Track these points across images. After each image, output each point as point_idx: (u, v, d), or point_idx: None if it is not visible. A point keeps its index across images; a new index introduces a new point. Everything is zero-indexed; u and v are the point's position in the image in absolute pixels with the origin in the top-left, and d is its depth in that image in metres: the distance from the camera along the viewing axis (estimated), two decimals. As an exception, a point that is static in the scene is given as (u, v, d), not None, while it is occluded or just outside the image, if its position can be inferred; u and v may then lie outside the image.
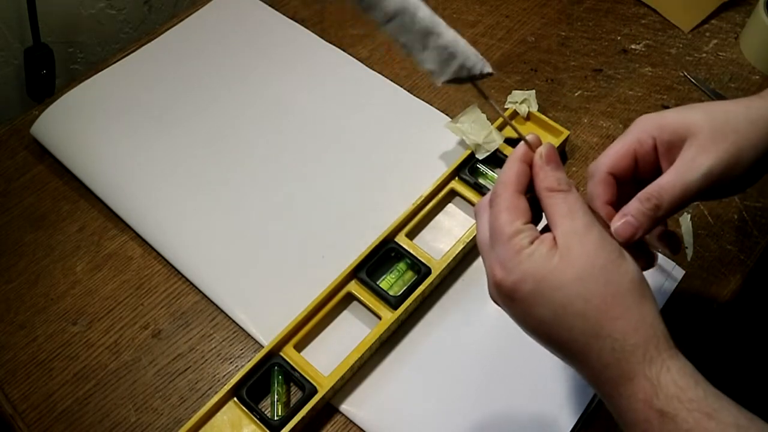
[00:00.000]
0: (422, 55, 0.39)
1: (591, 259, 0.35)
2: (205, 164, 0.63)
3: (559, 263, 0.35)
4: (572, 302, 0.35)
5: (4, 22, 0.70)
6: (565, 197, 0.37)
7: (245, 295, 0.55)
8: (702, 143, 0.39)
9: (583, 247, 0.35)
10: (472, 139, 0.60)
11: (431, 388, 0.51)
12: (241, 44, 0.72)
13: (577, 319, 0.35)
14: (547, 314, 0.35)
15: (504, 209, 0.37)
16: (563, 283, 0.35)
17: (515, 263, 0.36)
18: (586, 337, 0.35)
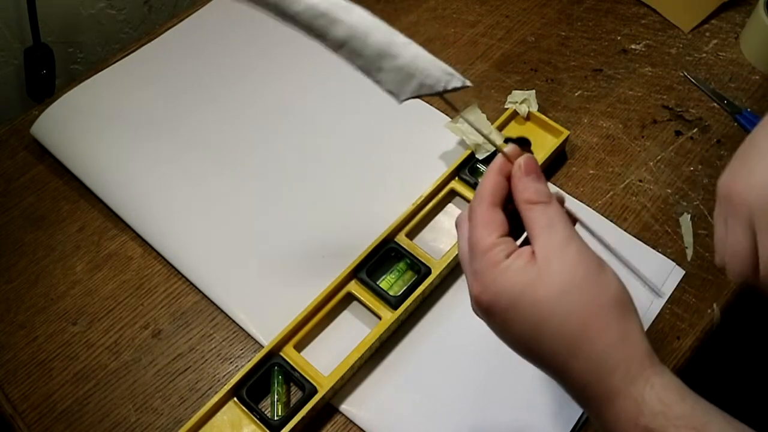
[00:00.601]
0: (379, 77, 0.39)
1: (569, 275, 0.34)
2: (205, 164, 0.63)
3: (537, 278, 0.34)
4: (548, 320, 0.34)
5: (4, 22, 0.70)
6: (545, 209, 0.36)
7: (245, 295, 0.55)
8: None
9: (562, 262, 0.34)
10: (472, 139, 0.60)
11: (431, 388, 0.51)
12: (241, 44, 0.72)
13: (555, 337, 0.34)
14: (525, 330, 0.34)
15: (480, 223, 0.37)
16: (540, 298, 0.34)
17: (491, 278, 0.35)
18: (564, 356, 0.34)
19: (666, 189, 0.61)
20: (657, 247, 0.57)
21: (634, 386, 0.33)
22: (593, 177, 0.62)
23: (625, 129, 0.65)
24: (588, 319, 0.33)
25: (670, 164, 0.63)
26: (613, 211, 0.60)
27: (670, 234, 0.58)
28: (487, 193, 0.37)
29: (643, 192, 0.61)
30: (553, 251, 0.35)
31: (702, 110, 0.66)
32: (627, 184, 0.61)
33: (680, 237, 0.58)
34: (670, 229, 0.59)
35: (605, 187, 0.61)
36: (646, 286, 0.45)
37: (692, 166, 0.63)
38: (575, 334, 0.33)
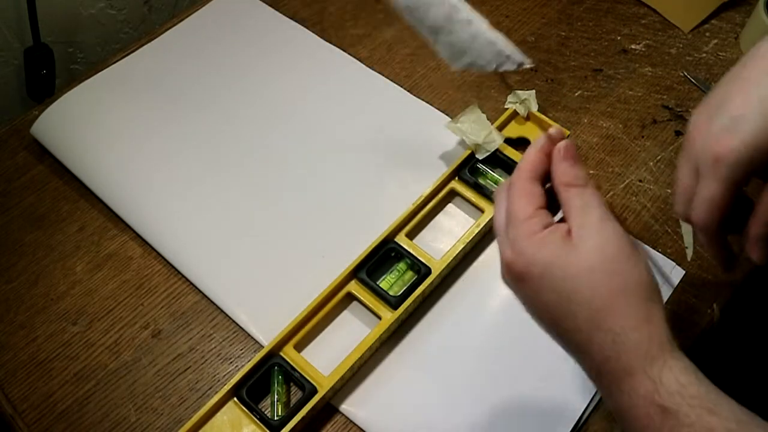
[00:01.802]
0: (436, 46, 0.41)
1: (601, 254, 0.35)
2: (206, 164, 0.63)
3: (570, 253, 0.36)
4: (579, 291, 0.35)
5: (4, 22, 0.70)
6: (581, 192, 0.38)
7: (245, 295, 0.55)
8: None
9: (595, 241, 0.36)
10: (472, 139, 0.60)
11: (431, 388, 0.51)
12: (241, 44, 0.72)
13: (582, 308, 0.35)
14: (554, 300, 0.36)
15: (520, 194, 0.38)
16: (572, 273, 0.35)
17: (526, 246, 0.37)
18: (589, 327, 0.35)
19: (666, 189, 0.61)
20: (657, 247, 0.57)
21: (652, 366, 0.34)
22: (593, 177, 0.62)
23: (625, 129, 0.65)
24: (614, 297, 0.35)
25: (670, 164, 0.63)
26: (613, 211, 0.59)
27: (670, 234, 0.58)
28: (528, 167, 0.39)
29: (643, 192, 0.61)
30: (588, 230, 0.36)
31: (702, 110, 0.66)
32: (627, 184, 0.61)
33: (680, 237, 0.58)
34: (670, 229, 0.59)
35: (605, 187, 0.61)
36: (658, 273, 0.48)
37: (692, 166, 0.62)
38: (600, 310, 0.35)
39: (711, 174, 0.39)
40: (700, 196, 0.40)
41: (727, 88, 0.41)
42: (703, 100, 0.42)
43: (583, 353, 0.36)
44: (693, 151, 0.41)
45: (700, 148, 0.40)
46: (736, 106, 0.39)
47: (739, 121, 0.38)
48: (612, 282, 0.35)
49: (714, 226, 0.41)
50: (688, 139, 0.42)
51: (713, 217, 0.40)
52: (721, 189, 0.39)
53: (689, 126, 0.42)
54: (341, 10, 0.75)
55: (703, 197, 0.40)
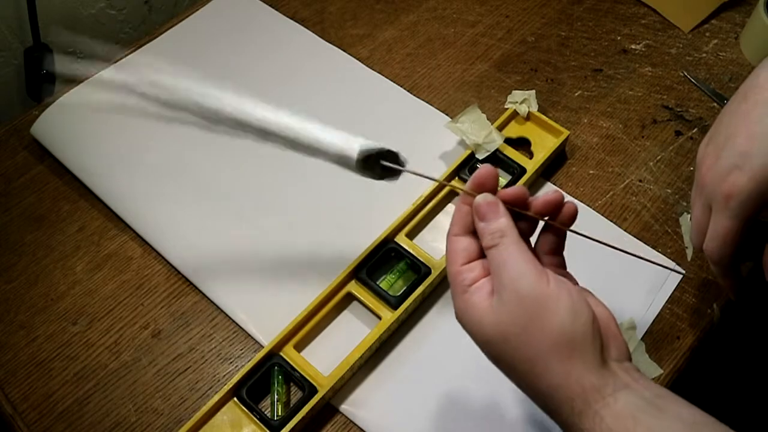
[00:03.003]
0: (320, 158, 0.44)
1: (513, 319, 0.36)
2: (205, 164, 0.63)
3: (488, 318, 0.36)
4: (501, 358, 0.37)
5: (4, 22, 0.70)
6: (497, 252, 0.37)
7: (245, 295, 0.55)
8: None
9: (507, 307, 0.36)
10: (472, 139, 0.60)
11: (431, 388, 0.51)
12: (241, 44, 0.72)
13: (511, 372, 0.37)
14: (493, 355, 0.37)
15: (448, 252, 0.40)
16: (490, 340, 0.36)
17: (457, 303, 0.38)
18: (525, 387, 0.37)
19: (666, 189, 0.61)
20: (657, 247, 0.57)
21: (583, 421, 0.34)
22: (593, 177, 0.62)
23: (625, 129, 0.65)
24: (530, 363, 0.35)
25: (670, 164, 0.63)
26: (613, 211, 0.60)
27: (670, 234, 0.58)
28: (452, 223, 0.40)
29: (643, 192, 0.61)
30: (499, 295, 0.36)
31: (702, 110, 0.66)
32: (627, 184, 0.61)
33: (680, 237, 0.58)
34: (670, 229, 0.59)
35: (605, 187, 0.61)
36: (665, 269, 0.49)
37: (692, 166, 0.62)
38: (524, 372, 0.36)
39: (723, 211, 0.41)
40: (712, 232, 0.42)
41: (730, 123, 0.42)
42: (708, 135, 0.44)
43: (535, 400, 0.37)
44: (704, 187, 0.42)
45: (711, 185, 0.41)
46: (741, 143, 0.40)
47: (746, 158, 0.40)
48: (527, 350, 0.35)
49: (726, 259, 0.42)
50: (698, 174, 0.43)
51: (726, 252, 0.42)
52: (732, 225, 0.40)
53: (697, 161, 0.43)
54: (341, 10, 0.75)
55: (716, 233, 0.41)
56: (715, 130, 0.43)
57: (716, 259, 0.42)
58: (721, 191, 0.41)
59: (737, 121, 0.41)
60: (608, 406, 0.34)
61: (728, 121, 0.42)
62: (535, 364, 0.35)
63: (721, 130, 0.42)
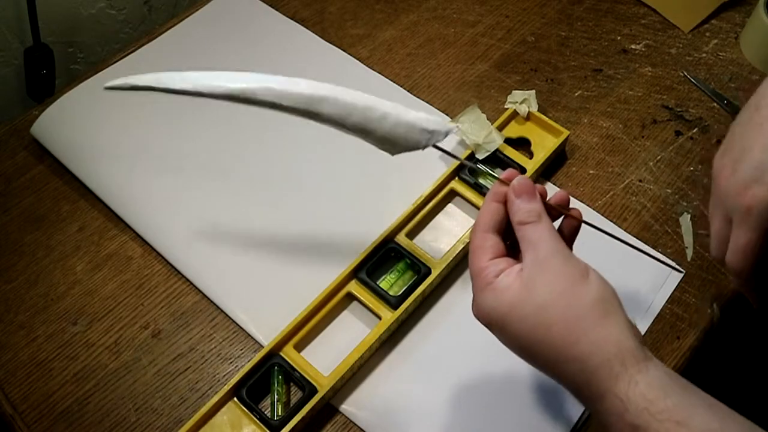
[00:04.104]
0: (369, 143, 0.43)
1: (550, 287, 0.37)
2: (206, 164, 0.63)
3: (521, 295, 0.37)
4: (535, 332, 0.37)
5: (4, 22, 0.70)
6: (533, 228, 0.39)
7: (245, 295, 0.55)
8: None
9: (543, 278, 0.37)
10: (472, 139, 0.60)
11: (431, 388, 0.51)
12: (241, 44, 0.72)
13: (544, 346, 0.37)
14: (520, 341, 0.38)
15: (473, 250, 0.40)
16: (526, 314, 0.37)
17: (482, 299, 0.38)
18: (558, 361, 0.36)
19: (666, 189, 0.61)
20: (657, 247, 0.57)
21: (618, 385, 0.35)
22: (593, 177, 0.62)
23: (625, 129, 0.65)
24: (569, 328, 0.36)
25: (670, 164, 0.63)
26: (613, 211, 0.60)
27: (670, 234, 0.58)
28: (481, 220, 0.41)
29: (643, 192, 0.61)
30: (536, 268, 0.38)
31: (702, 110, 0.66)
32: (627, 184, 0.61)
33: (680, 237, 0.58)
34: (670, 229, 0.59)
35: (605, 187, 0.61)
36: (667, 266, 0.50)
37: (692, 166, 0.63)
38: (560, 343, 0.36)
39: (744, 223, 0.41)
40: (734, 245, 0.42)
41: (744, 135, 0.43)
42: (723, 146, 0.44)
43: (563, 384, 0.38)
44: (724, 200, 0.43)
45: (731, 197, 0.42)
46: (757, 156, 0.41)
47: (764, 171, 0.40)
48: (563, 315, 0.36)
49: (748, 270, 0.42)
50: (715, 187, 0.44)
51: (748, 263, 0.42)
52: (754, 237, 0.41)
53: (714, 173, 0.44)
54: (341, 10, 0.75)
55: (738, 245, 0.42)
56: (729, 142, 0.44)
57: (738, 271, 0.43)
58: (741, 204, 0.41)
59: (751, 133, 0.42)
60: (642, 373, 0.35)
61: (742, 132, 0.43)
62: (574, 328, 0.36)
63: (736, 141, 0.43)
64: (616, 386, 0.35)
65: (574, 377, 0.36)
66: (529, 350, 0.37)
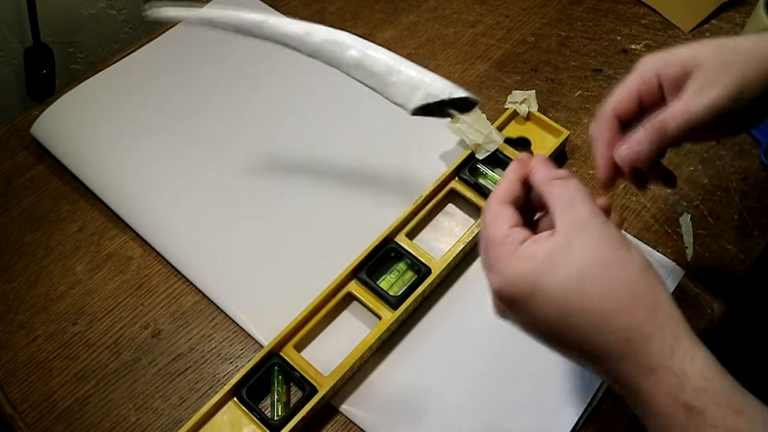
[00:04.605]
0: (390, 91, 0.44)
1: (591, 251, 0.33)
2: (205, 164, 0.63)
3: (557, 258, 0.34)
4: (573, 299, 0.33)
5: (4, 22, 0.70)
6: (565, 184, 0.36)
7: (245, 295, 0.55)
8: (709, 74, 0.39)
9: (584, 239, 0.34)
10: (472, 139, 0.60)
11: (431, 388, 0.51)
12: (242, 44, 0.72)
13: (584, 314, 0.33)
14: (551, 313, 0.33)
15: (491, 219, 0.37)
16: (560, 280, 0.33)
17: (508, 266, 0.35)
18: (597, 332, 0.32)
19: (666, 189, 0.61)
20: (657, 247, 0.57)
21: (673, 358, 0.31)
22: (593, 177, 0.62)
23: (625, 129, 0.65)
24: (615, 293, 0.33)
25: (670, 164, 0.62)
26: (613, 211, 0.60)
27: (670, 234, 0.58)
28: (498, 192, 0.38)
29: (643, 192, 0.61)
30: (575, 229, 0.34)
31: (702, 110, 0.66)
32: (627, 184, 0.61)
33: (680, 237, 0.58)
34: (670, 229, 0.59)
35: (605, 187, 0.61)
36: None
37: (692, 166, 0.63)
38: (603, 309, 0.32)
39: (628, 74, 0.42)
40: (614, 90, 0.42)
41: None
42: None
43: (596, 360, 0.33)
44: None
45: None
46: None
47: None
48: (609, 279, 0.33)
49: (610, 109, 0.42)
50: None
51: (613, 101, 0.42)
52: (631, 78, 0.42)
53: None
54: (341, 10, 0.75)
55: (616, 87, 0.42)
56: None
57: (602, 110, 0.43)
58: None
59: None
60: (697, 347, 0.32)
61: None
62: (622, 294, 0.32)
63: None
64: (671, 359, 0.31)
65: (617, 349, 0.32)
66: (563, 323, 0.33)
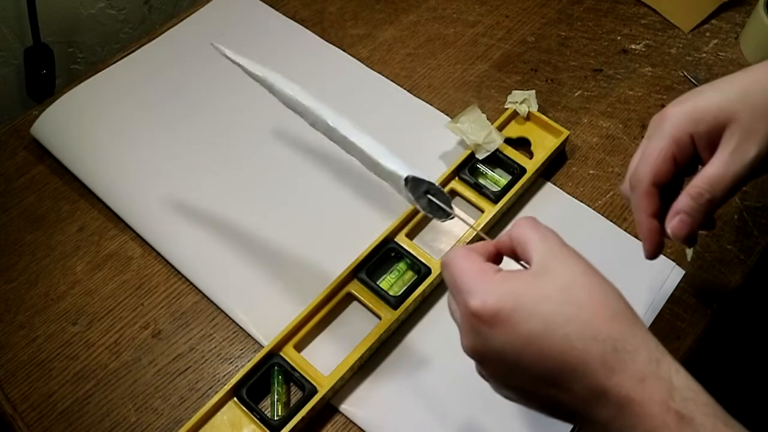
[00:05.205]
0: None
1: (573, 268, 0.34)
2: (206, 164, 0.63)
3: (539, 280, 0.34)
4: (560, 310, 0.33)
5: (4, 22, 0.70)
6: (535, 225, 0.36)
7: (245, 295, 0.55)
8: (745, 129, 0.39)
9: (563, 261, 0.34)
10: (472, 139, 0.60)
11: (431, 388, 0.51)
12: (241, 44, 0.72)
13: (570, 325, 0.32)
14: (537, 327, 0.32)
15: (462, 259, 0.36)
16: (547, 294, 0.33)
17: (490, 285, 0.34)
18: (585, 341, 0.32)
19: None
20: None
21: (661, 369, 0.31)
22: (593, 177, 0.62)
23: (625, 129, 0.65)
24: (601, 303, 0.33)
25: (670, 164, 0.62)
26: (613, 211, 0.60)
27: (670, 234, 0.58)
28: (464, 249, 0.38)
29: (643, 192, 0.61)
30: (552, 257, 0.34)
31: (702, 110, 0.66)
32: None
33: (680, 237, 0.58)
34: (670, 229, 0.58)
35: (605, 187, 0.61)
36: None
37: (692, 166, 0.62)
38: (591, 319, 0.32)
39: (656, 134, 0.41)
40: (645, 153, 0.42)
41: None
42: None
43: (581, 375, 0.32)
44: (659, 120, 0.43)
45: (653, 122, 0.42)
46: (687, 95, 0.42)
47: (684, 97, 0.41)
48: (595, 292, 0.33)
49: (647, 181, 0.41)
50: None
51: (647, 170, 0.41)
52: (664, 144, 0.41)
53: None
54: (341, 10, 0.75)
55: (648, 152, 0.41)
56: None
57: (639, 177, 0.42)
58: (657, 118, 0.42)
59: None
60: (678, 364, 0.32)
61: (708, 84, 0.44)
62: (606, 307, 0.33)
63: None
64: (659, 369, 0.31)
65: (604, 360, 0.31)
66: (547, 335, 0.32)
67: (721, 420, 0.30)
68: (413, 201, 0.43)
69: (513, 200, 0.59)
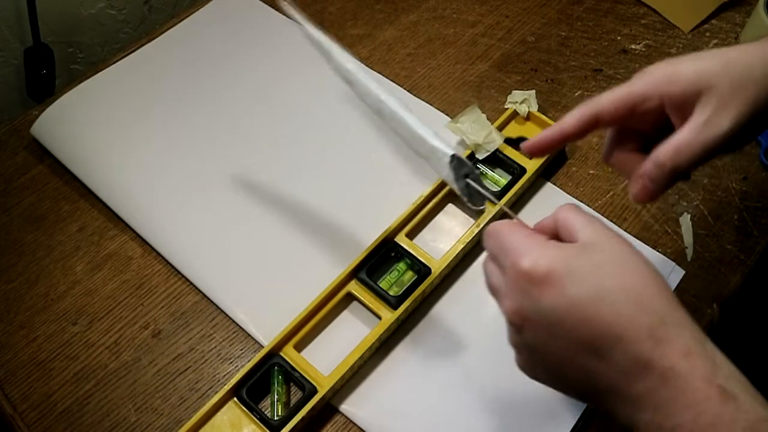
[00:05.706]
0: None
1: (621, 245, 0.34)
2: (206, 164, 0.63)
3: (588, 250, 0.34)
4: (610, 280, 0.32)
5: (4, 22, 0.70)
6: (579, 209, 0.36)
7: (245, 295, 0.55)
8: (721, 98, 0.37)
9: (610, 239, 0.34)
10: (472, 139, 0.60)
11: (431, 388, 0.51)
12: (241, 44, 0.72)
13: (619, 294, 0.32)
14: (585, 293, 0.32)
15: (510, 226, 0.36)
16: (597, 262, 0.33)
17: (543, 249, 0.34)
18: (633, 311, 0.32)
19: (666, 189, 0.61)
20: (657, 247, 0.57)
21: (706, 345, 0.31)
22: (593, 177, 0.62)
23: (625, 129, 0.65)
24: (650, 279, 0.33)
25: (670, 164, 0.62)
26: (613, 211, 0.60)
27: (670, 234, 0.58)
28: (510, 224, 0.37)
29: (643, 192, 0.61)
30: (600, 234, 0.34)
31: (702, 110, 0.66)
32: (627, 184, 0.61)
33: (680, 237, 0.58)
34: (670, 229, 0.59)
35: (605, 187, 0.61)
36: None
37: (692, 166, 0.62)
38: (641, 291, 0.32)
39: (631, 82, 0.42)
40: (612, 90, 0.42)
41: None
42: None
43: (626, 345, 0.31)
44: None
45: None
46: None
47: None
48: (643, 268, 0.33)
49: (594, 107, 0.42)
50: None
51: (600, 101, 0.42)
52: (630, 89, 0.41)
53: None
54: (341, 10, 0.75)
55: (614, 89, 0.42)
56: None
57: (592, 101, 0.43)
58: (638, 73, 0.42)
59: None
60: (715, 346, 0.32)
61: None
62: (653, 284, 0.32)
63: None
64: (704, 346, 0.31)
65: (651, 331, 0.31)
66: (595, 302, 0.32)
67: (759, 401, 0.30)
68: (452, 180, 0.43)
69: (513, 200, 0.59)
